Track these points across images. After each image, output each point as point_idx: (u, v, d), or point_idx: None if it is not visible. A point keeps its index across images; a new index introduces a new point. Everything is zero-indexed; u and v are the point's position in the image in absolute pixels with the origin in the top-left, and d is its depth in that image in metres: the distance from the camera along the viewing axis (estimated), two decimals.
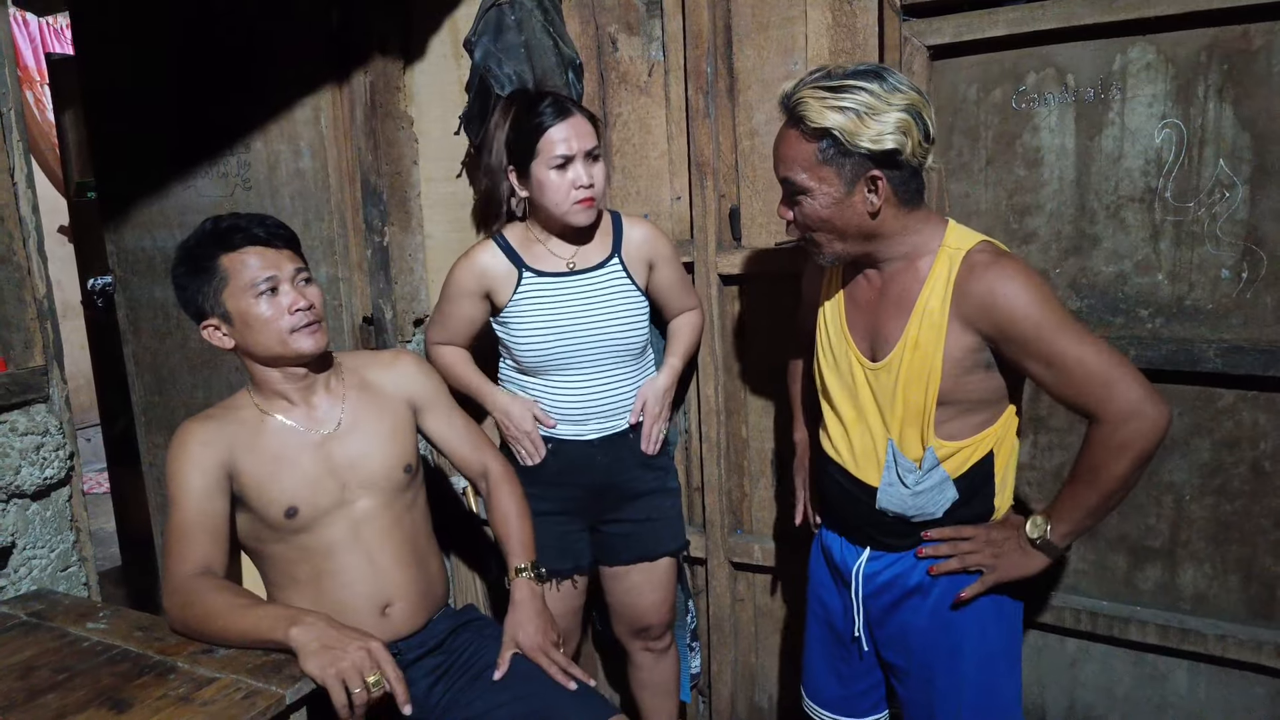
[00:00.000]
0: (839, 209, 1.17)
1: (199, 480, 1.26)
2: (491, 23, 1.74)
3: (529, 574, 1.40)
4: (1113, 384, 1.10)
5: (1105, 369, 1.11)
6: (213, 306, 1.30)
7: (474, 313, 1.64)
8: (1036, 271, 1.19)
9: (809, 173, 1.16)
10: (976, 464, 1.23)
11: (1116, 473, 1.13)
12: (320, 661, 1.09)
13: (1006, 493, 1.29)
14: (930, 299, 1.18)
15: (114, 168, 2.35)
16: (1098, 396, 1.12)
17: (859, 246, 1.21)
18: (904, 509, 1.25)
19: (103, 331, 2.87)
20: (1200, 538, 1.50)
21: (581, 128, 1.53)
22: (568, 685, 1.31)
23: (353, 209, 2.04)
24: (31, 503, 1.40)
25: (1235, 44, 1.34)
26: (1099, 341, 1.13)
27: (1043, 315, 1.12)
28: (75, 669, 1.14)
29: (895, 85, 1.12)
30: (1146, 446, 1.11)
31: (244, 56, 2.05)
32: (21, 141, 1.37)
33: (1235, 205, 1.38)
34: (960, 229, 1.23)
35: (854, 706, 1.41)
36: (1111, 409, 1.11)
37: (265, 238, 1.30)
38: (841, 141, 1.12)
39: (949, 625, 1.26)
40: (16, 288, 1.39)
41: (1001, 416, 1.23)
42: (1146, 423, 1.10)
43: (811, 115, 1.12)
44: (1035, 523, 1.21)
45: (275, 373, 1.33)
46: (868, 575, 1.31)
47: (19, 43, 4.47)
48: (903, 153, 1.12)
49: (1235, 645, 1.46)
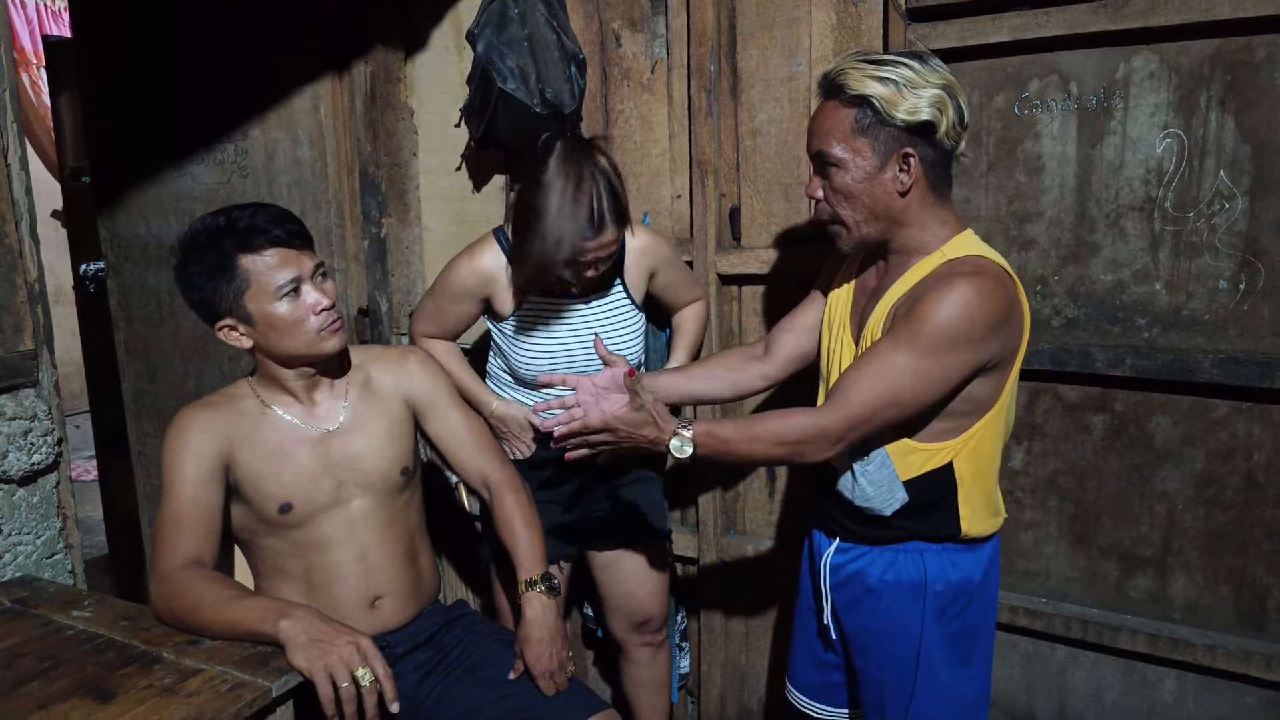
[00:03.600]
0: (869, 184, 1.16)
1: (195, 469, 1.25)
2: (495, 15, 1.73)
3: (540, 588, 1.34)
4: (850, 397, 1.12)
5: (869, 386, 1.11)
6: (231, 308, 1.26)
7: (471, 312, 1.63)
8: (992, 298, 1.11)
9: (844, 143, 1.16)
10: (931, 472, 1.20)
11: (770, 454, 1.16)
12: (308, 655, 1.08)
13: (980, 518, 1.23)
14: (895, 293, 1.19)
15: (110, 153, 2.33)
16: (840, 392, 1.14)
17: (883, 231, 1.20)
18: (852, 497, 1.25)
19: (94, 318, 2.85)
20: (1192, 547, 1.51)
21: (609, 237, 1.45)
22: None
23: (350, 200, 2.02)
24: (18, 488, 1.39)
25: (1238, 55, 1.34)
26: (913, 378, 1.10)
27: (935, 321, 1.09)
28: (59, 657, 1.12)
29: (934, 67, 1.14)
30: (800, 460, 1.15)
31: (244, 43, 2.03)
32: (16, 123, 1.36)
33: (1235, 216, 1.38)
34: (971, 240, 1.20)
35: (832, 696, 1.42)
36: (832, 413, 1.13)
37: (286, 238, 1.26)
38: (879, 110, 1.12)
39: (903, 634, 1.25)
40: (8, 271, 1.37)
41: (967, 431, 1.19)
42: (829, 448, 1.14)
43: (852, 83, 1.14)
44: (681, 442, 1.16)
45: (288, 370, 1.32)
46: (834, 566, 1.31)
47: (15, 24, 4.43)
48: (937, 130, 1.13)
49: (1225, 655, 1.46)
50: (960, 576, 1.24)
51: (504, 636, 1.43)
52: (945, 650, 1.25)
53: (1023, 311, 1.18)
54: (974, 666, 1.28)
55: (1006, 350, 1.16)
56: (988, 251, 1.19)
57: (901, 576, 1.25)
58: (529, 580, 1.35)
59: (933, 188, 1.18)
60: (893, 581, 1.25)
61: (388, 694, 1.10)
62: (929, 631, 1.24)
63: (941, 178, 1.19)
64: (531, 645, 1.31)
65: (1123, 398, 1.51)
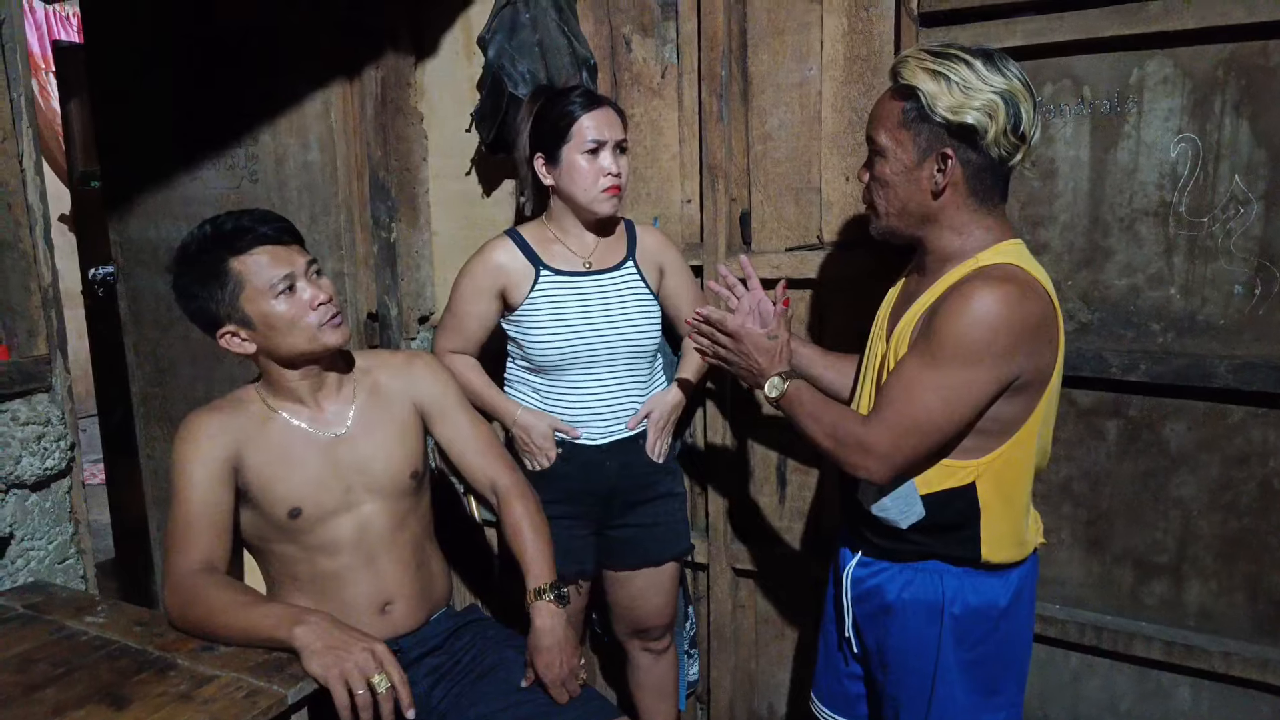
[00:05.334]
0: (905, 178, 1.15)
1: (204, 472, 1.24)
2: (506, 20, 1.73)
3: (549, 597, 1.33)
4: (885, 415, 1.12)
5: (904, 405, 1.11)
6: (229, 313, 1.25)
7: (488, 312, 1.63)
8: (1017, 307, 1.07)
9: (889, 134, 1.15)
10: (952, 490, 1.16)
11: (820, 441, 1.19)
12: (324, 661, 1.07)
13: (1004, 546, 1.18)
14: (927, 300, 1.17)
15: (120, 157, 2.34)
16: (877, 412, 1.14)
17: (913, 228, 1.18)
18: (869, 504, 1.23)
19: (102, 322, 2.85)
20: (1207, 554, 1.50)
21: (613, 118, 1.55)
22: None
23: (360, 204, 2.02)
24: (31, 493, 1.39)
25: (1254, 59, 1.34)
26: (939, 396, 1.09)
27: (953, 333, 1.07)
28: (73, 663, 1.12)
29: (1001, 69, 1.09)
30: (844, 465, 1.16)
31: (254, 48, 2.03)
32: (31, 128, 1.36)
33: (1250, 221, 1.38)
34: (1013, 249, 1.14)
35: (853, 708, 1.40)
36: (874, 432, 1.13)
37: (274, 236, 1.26)
38: (923, 105, 1.10)
39: (918, 654, 1.22)
40: (22, 275, 1.37)
41: (993, 452, 1.14)
42: (866, 461, 1.14)
43: (905, 73, 1.12)
44: (774, 384, 1.24)
45: (293, 372, 1.31)
46: (855, 579, 1.29)
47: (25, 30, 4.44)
48: (983, 136, 1.09)
49: (1241, 663, 1.45)
50: (981, 601, 1.19)
51: (516, 642, 1.42)
52: (966, 678, 1.21)
53: (1057, 328, 1.13)
54: (1001, 696, 1.23)
55: (1037, 368, 1.11)
56: (1028, 262, 1.13)
57: (919, 596, 1.21)
58: (538, 589, 1.34)
59: (975, 194, 1.14)
60: (910, 600, 1.22)
61: (404, 700, 1.10)
62: (946, 655, 1.20)
63: (989, 185, 1.14)
64: (542, 654, 1.31)
65: (1137, 403, 1.50)
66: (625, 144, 1.58)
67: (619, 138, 1.56)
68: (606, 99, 1.59)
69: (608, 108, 1.56)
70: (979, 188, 1.14)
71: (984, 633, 1.20)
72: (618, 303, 1.60)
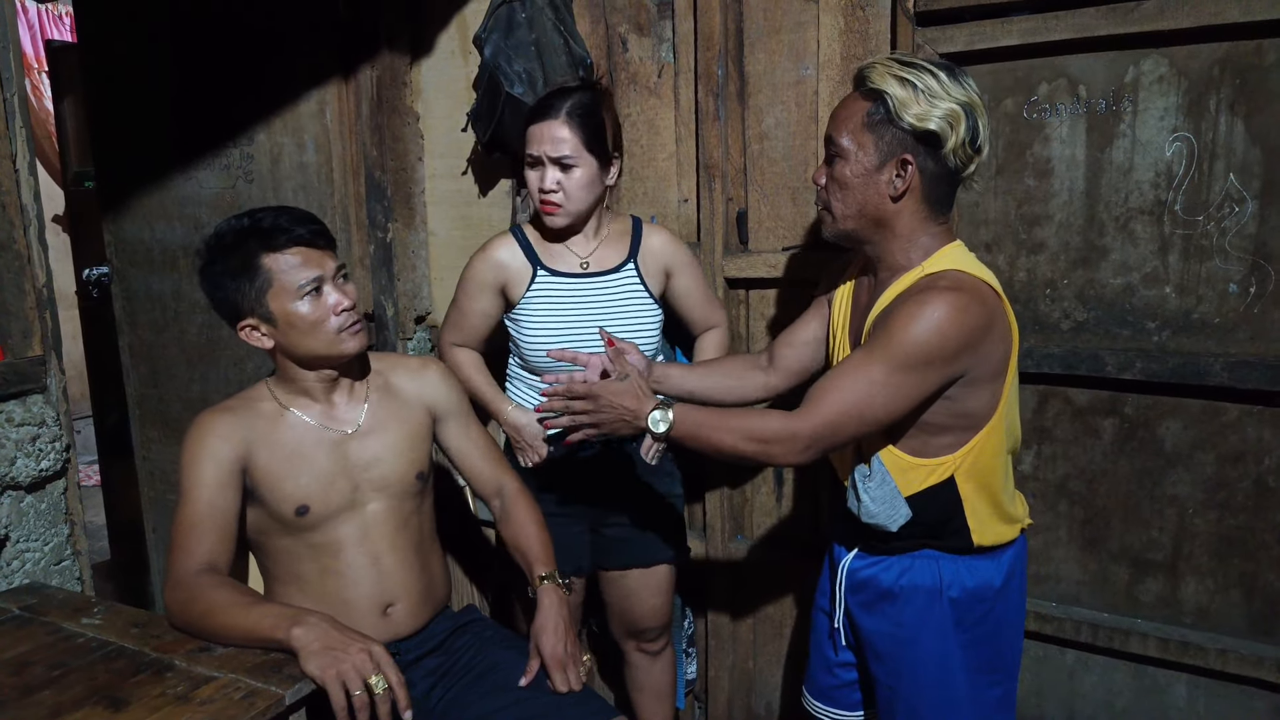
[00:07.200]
0: (864, 181, 1.17)
1: (213, 473, 1.25)
2: (502, 20, 1.73)
3: (556, 581, 1.38)
4: (822, 405, 1.13)
5: (841, 396, 1.12)
6: (253, 307, 1.27)
7: (490, 308, 1.63)
8: (966, 314, 1.10)
9: (852, 136, 1.17)
10: (934, 487, 1.20)
11: (739, 448, 1.17)
12: (321, 662, 1.07)
13: (991, 528, 1.22)
14: (878, 309, 1.19)
15: (114, 158, 2.33)
16: (812, 399, 1.15)
17: (868, 231, 1.20)
18: (858, 512, 1.25)
19: (97, 322, 2.84)
20: (1202, 551, 1.50)
21: (556, 132, 1.47)
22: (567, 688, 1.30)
23: (356, 204, 2.02)
24: (26, 495, 1.38)
25: (1248, 58, 1.34)
26: (884, 393, 1.10)
27: (904, 339, 1.09)
28: (70, 665, 1.12)
29: (961, 82, 1.14)
30: (767, 459, 1.17)
31: (249, 47, 2.03)
32: (24, 128, 1.35)
33: (1244, 220, 1.38)
34: (955, 253, 1.18)
35: (845, 697, 1.42)
36: (804, 418, 1.13)
37: (309, 238, 1.27)
38: (890, 109, 1.13)
39: (918, 639, 1.25)
40: (16, 276, 1.36)
41: (966, 445, 1.18)
42: (792, 449, 1.14)
43: (874, 77, 1.15)
44: (656, 418, 1.19)
45: (308, 372, 1.32)
46: (851, 570, 1.32)
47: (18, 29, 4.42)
48: (943, 144, 1.13)
49: (1236, 660, 1.46)
50: (977, 582, 1.23)
51: (514, 643, 1.43)
52: (966, 657, 1.24)
53: (1007, 325, 1.16)
54: (998, 673, 1.27)
55: (987, 364, 1.15)
56: (971, 265, 1.17)
57: (917, 581, 1.24)
58: (542, 575, 1.38)
59: (928, 201, 1.17)
60: (909, 585, 1.25)
61: (401, 702, 1.10)
62: (948, 639, 1.24)
63: (941, 195, 1.18)
64: (548, 634, 1.32)
65: (1133, 401, 1.51)
66: (570, 161, 1.47)
67: (556, 154, 1.47)
68: (565, 111, 1.48)
69: (554, 122, 1.47)
70: (933, 195, 1.17)
71: (981, 613, 1.24)
72: (613, 306, 1.59)
